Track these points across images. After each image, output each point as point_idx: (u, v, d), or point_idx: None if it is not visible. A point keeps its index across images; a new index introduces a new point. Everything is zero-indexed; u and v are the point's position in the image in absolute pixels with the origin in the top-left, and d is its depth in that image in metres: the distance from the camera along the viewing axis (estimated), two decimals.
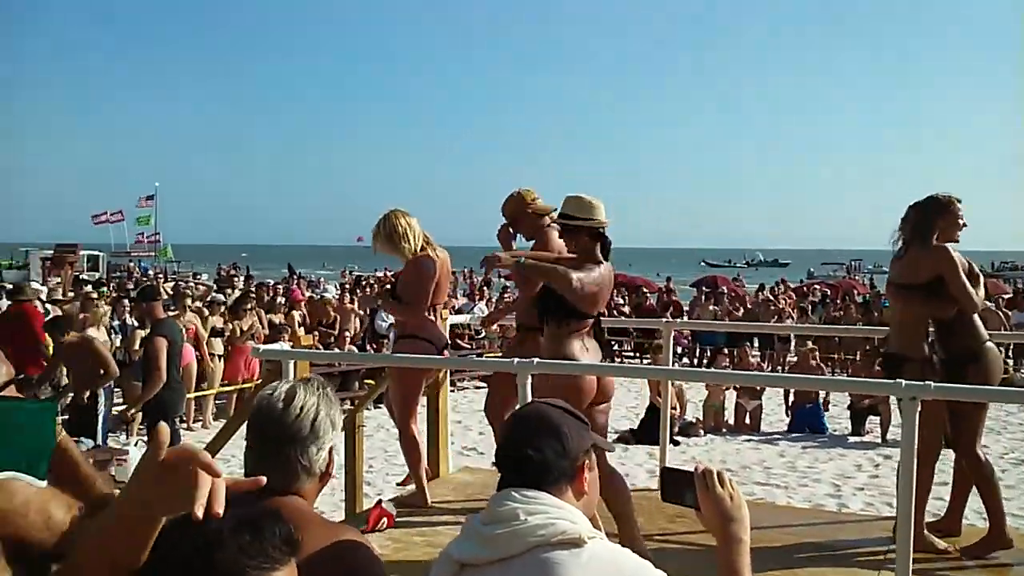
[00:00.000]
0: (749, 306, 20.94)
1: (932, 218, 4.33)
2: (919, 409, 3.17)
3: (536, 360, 3.80)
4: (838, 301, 20.54)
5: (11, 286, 13.28)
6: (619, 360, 17.99)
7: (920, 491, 3.98)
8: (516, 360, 3.84)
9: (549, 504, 1.61)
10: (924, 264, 4.27)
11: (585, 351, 4.00)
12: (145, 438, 7.44)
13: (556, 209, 4.54)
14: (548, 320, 4.00)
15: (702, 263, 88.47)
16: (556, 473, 1.66)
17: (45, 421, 1.70)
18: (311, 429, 1.77)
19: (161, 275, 28.45)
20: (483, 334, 16.57)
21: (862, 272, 66.07)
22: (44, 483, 1.67)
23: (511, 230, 5.04)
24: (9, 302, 10.31)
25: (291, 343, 10.76)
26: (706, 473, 1.66)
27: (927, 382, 3.43)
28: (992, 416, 12.15)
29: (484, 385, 14.49)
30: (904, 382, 3.27)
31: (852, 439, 10.87)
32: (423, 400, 5.32)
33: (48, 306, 11.42)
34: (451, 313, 8.00)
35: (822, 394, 11.71)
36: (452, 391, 13.61)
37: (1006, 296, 20.48)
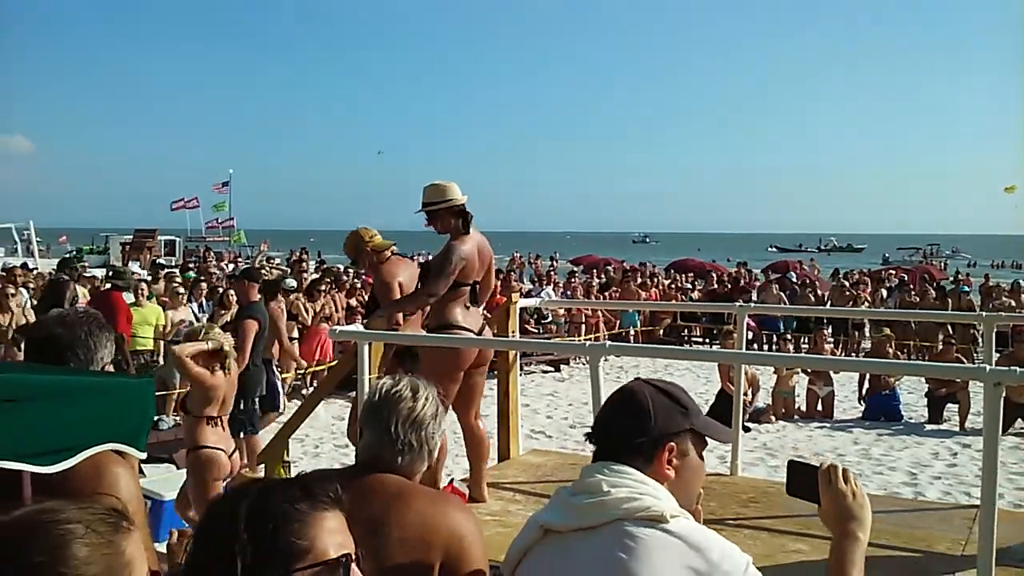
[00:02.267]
0: (822, 292, 20.59)
1: None
2: (1002, 394, 3.09)
3: (608, 343, 3.82)
4: (914, 286, 19.98)
5: (114, 269, 13.55)
6: (688, 345, 17.82)
7: None
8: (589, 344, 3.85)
9: (635, 480, 1.62)
10: None
11: (467, 312, 4.62)
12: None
13: (394, 244, 5.32)
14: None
15: (770, 248, 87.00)
16: (636, 451, 1.67)
17: (145, 395, 1.78)
18: (431, 418, 2.02)
19: (236, 259, 29.05)
20: (549, 318, 16.65)
21: (939, 257, 64.30)
22: (144, 455, 1.76)
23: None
24: (107, 284, 10.51)
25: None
26: (831, 469, 1.67)
27: (1013, 368, 3.34)
28: None
29: (551, 369, 14.57)
30: (988, 367, 3.18)
31: (929, 427, 10.61)
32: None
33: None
34: (520, 296, 8.01)
35: (897, 381, 11.44)
36: (520, 375, 13.78)
37: None
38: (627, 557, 1.51)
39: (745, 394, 10.36)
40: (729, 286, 20.51)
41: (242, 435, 6.94)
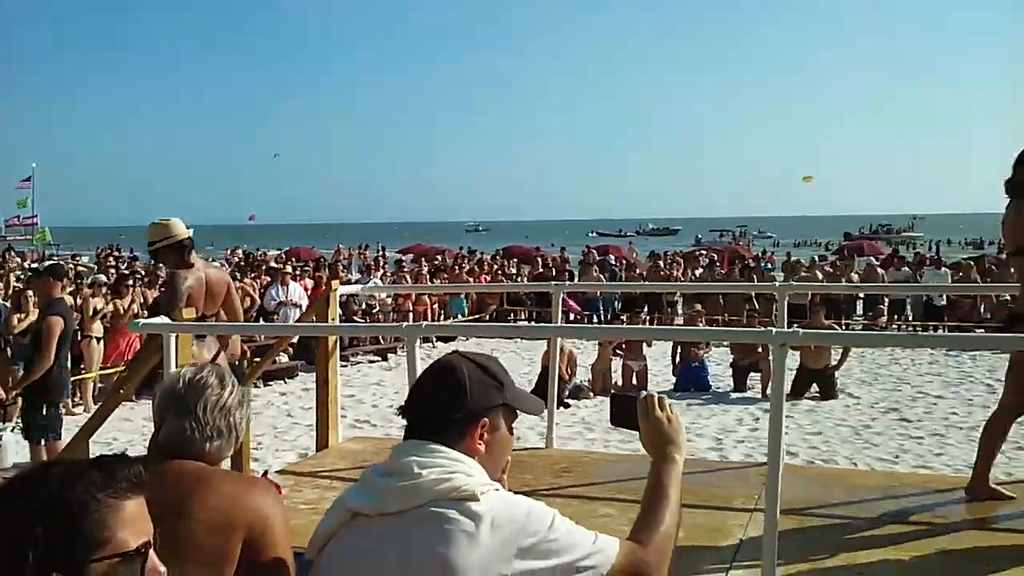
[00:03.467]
0: (640, 272, 21.50)
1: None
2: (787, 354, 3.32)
3: (424, 324, 3.85)
4: (723, 265, 21.20)
5: None
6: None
7: (989, 440, 4.16)
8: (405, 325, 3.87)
9: (448, 458, 1.57)
10: None
11: (201, 343, 4.80)
12: (21, 423, 7.12)
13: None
14: None
15: (592, 233, 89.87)
16: (450, 427, 1.62)
17: None
18: (238, 405, 2.01)
19: (40, 259, 27.07)
20: (377, 308, 16.54)
21: (747, 238, 68.39)
22: None
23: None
24: None
25: None
26: (648, 398, 1.80)
27: (796, 330, 3.62)
28: (865, 368, 12.86)
29: (379, 358, 14.49)
30: (775, 330, 3.42)
31: (734, 395, 11.30)
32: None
33: None
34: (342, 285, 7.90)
35: (706, 353, 12.11)
36: (346, 365, 13.62)
37: None
38: (439, 540, 1.49)
39: (564, 373, 10.70)
40: (554, 270, 21.06)
41: (44, 442, 6.53)
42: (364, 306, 16.00)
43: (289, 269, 16.49)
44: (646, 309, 17.51)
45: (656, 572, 1.62)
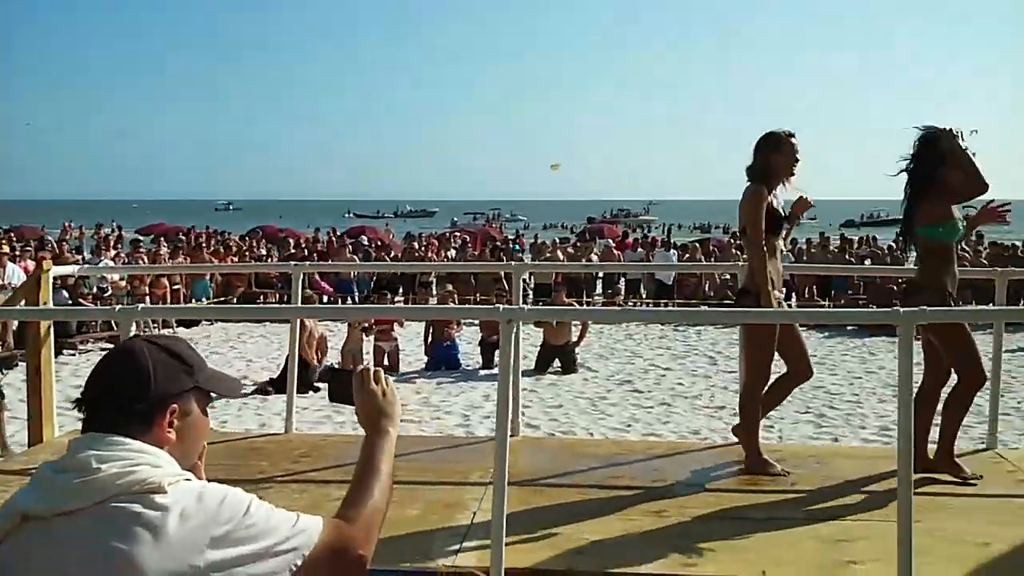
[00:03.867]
0: (395, 253, 21.48)
1: (763, 154, 4.40)
2: (514, 330, 3.40)
3: (141, 306, 3.57)
4: (475, 246, 21.65)
5: None
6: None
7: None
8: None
9: (131, 450, 1.46)
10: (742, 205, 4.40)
11: None
12: None
13: None
14: None
15: (348, 214, 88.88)
16: (133, 417, 1.51)
17: None
18: None
19: None
20: (109, 291, 15.38)
21: (500, 220, 70.33)
22: None
23: None
24: None
25: None
26: (363, 372, 1.80)
27: (523, 307, 3.73)
28: (604, 343, 13.58)
29: (112, 346, 13.50)
30: (502, 307, 3.49)
31: (483, 372, 11.57)
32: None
33: None
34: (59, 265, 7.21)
35: (457, 333, 12.30)
36: (74, 353, 12.59)
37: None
38: (122, 538, 1.38)
39: (315, 356, 10.49)
40: (306, 251, 20.56)
41: None
42: (95, 290, 14.85)
43: (7, 249, 14.93)
44: (400, 290, 17.61)
45: (363, 547, 1.59)
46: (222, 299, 17.17)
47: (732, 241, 24.22)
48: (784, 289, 4.79)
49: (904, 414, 3.00)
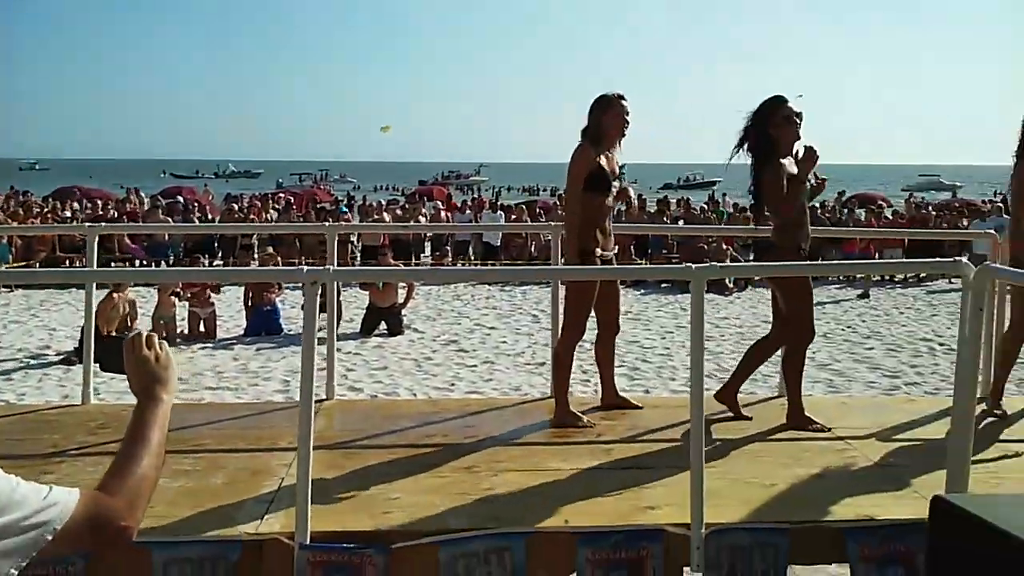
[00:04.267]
0: (213, 216, 20.60)
1: (595, 116, 4.50)
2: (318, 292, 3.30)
3: None
4: (299, 208, 21.08)
5: None
6: None
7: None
8: None
9: None
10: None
11: None
12: None
13: None
14: None
15: (164, 173, 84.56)
16: None
17: None
18: None
19: None
20: None
21: (328, 181, 68.92)
22: None
23: None
24: None
25: None
26: (134, 338, 1.69)
27: (328, 268, 3.66)
28: (431, 304, 13.59)
29: None
30: (306, 268, 3.40)
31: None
32: None
33: None
34: None
35: (279, 297, 11.94)
36: None
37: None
38: None
39: (124, 323, 9.93)
40: (115, 213, 19.41)
41: None
42: None
43: None
44: (221, 254, 16.93)
45: (127, 518, 1.52)
46: (24, 263, 15.98)
47: (558, 203, 24.75)
48: (616, 248, 4.93)
49: (696, 363, 3.13)
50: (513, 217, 19.63)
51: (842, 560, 3.23)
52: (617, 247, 4.97)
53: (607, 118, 4.48)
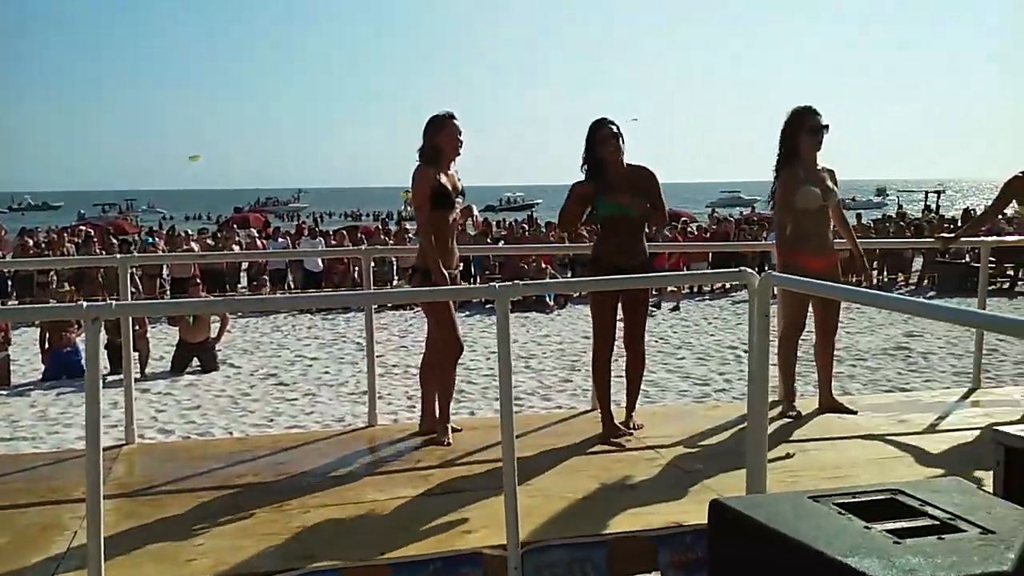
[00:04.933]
0: (4, 252, 19.11)
1: (429, 136, 4.56)
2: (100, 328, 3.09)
3: None
4: (100, 241, 19.88)
5: None
6: None
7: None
8: None
9: None
10: None
11: None
12: None
13: None
14: None
15: None
16: None
17: None
18: None
19: None
20: None
21: (135, 212, 65.77)
22: None
23: None
24: None
25: None
26: None
27: (110, 303, 3.44)
28: (248, 337, 13.10)
29: None
30: (85, 304, 3.18)
31: (111, 378, 10.63)
32: None
33: None
34: None
35: (77, 336, 11.16)
36: None
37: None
38: None
39: None
40: None
41: None
42: None
43: None
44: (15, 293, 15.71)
45: None
46: None
47: (380, 227, 24.56)
48: (461, 265, 4.97)
49: (504, 382, 3.13)
50: (334, 243, 19.28)
51: (654, 568, 3.32)
52: (461, 264, 5.02)
53: (440, 138, 4.55)
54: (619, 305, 4.67)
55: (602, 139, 4.59)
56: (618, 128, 4.62)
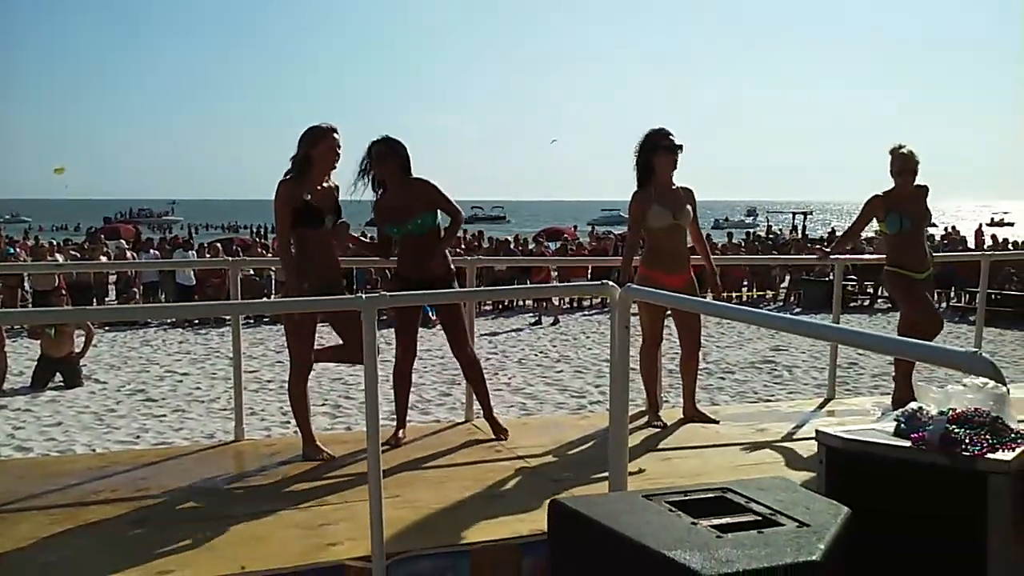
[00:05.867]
0: None
1: (304, 148, 4.37)
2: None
3: None
4: None
5: None
6: None
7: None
8: None
9: None
10: None
11: None
12: None
13: None
14: None
15: None
16: None
17: None
18: None
19: None
20: None
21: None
22: None
23: None
24: None
25: None
26: None
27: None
28: (116, 352, 12.63)
29: None
30: None
31: None
32: None
33: None
34: None
35: None
36: None
37: None
38: None
39: None
40: None
41: None
42: None
43: None
44: None
45: None
46: None
47: (257, 240, 24.06)
48: (345, 280, 4.91)
49: (369, 392, 3.13)
50: (208, 255, 18.77)
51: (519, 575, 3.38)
52: (345, 280, 4.96)
53: (317, 150, 4.38)
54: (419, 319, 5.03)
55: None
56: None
